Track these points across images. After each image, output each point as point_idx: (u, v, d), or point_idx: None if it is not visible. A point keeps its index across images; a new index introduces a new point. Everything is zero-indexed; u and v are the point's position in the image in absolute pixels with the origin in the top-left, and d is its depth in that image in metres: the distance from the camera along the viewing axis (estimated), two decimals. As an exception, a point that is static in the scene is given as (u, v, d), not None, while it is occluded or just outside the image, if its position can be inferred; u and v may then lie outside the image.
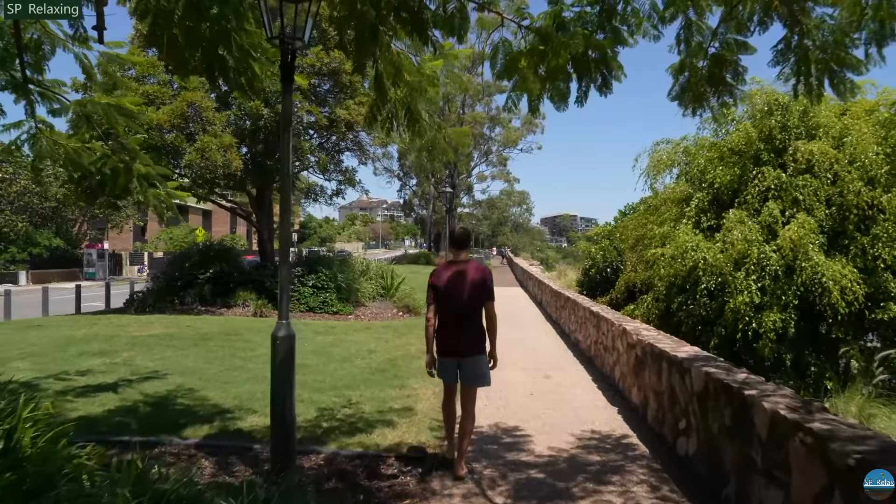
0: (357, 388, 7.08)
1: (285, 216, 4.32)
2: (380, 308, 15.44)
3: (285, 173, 4.35)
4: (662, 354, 5.40)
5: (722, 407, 3.96)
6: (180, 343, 9.02)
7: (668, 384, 5.18)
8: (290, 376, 4.28)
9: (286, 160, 4.32)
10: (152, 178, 5.62)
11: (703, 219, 11.24)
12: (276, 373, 4.24)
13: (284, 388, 4.25)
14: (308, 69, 13.51)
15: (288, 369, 4.26)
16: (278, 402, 4.25)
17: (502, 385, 7.57)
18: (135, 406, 5.76)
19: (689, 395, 4.61)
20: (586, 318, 9.94)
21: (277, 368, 4.23)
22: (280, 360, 4.22)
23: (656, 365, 5.61)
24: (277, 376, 4.24)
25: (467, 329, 4.43)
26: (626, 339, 6.85)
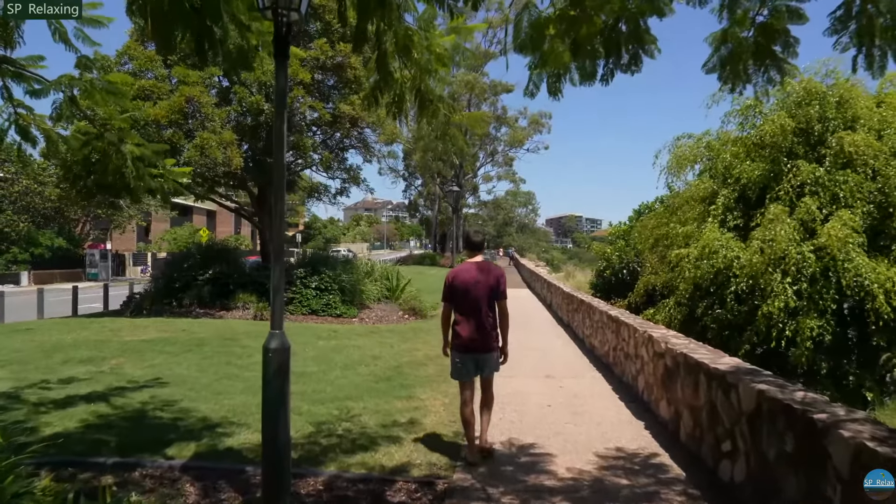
0: (360, 398, 6.56)
1: (279, 209, 3.81)
2: (385, 311, 14.92)
3: (279, 161, 3.84)
4: (699, 366, 4.86)
5: (781, 431, 3.42)
6: (174, 349, 8.52)
7: (708, 400, 4.64)
8: (283, 393, 3.76)
9: (280, 146, 3.81)
10: (148, 158, 5.10)
11: (729, 217, 10.63)
12: (267, 389, 3.73)
13: (277, 407, 3.74)
14: (311, 63, 13.03)
15: (281, 385, 3.75)
16: (270, 423, 3.74)
17: (516, 395, 7.06)
18: (116, 420, 5.26)
19: (737, 414, 4.07)
20: (603, 323, 9.39)
21: (269, 384, 3.72)
22: (272, 374, 3.71)
23: (692, 377, 5.07)
24: (269, 393, 3.73)
25: (483, 327, 4.76)
26: (653, 347, 6.31)
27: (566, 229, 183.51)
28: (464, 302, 4.75)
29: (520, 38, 3.47)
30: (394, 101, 4.58)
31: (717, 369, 4.50)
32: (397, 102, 4.62)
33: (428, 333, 11.98)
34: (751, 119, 11.55)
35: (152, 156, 5.02)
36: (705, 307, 9.97)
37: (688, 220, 11.11)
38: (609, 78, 3.66)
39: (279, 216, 3.85)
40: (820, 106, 10.07)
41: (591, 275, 33.87)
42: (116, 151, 4.89)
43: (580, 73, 3.53)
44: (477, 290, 4.73)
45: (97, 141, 4.87)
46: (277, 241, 3.85)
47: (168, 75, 12.48)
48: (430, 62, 4.44)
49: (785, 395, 3.56)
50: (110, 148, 4.84)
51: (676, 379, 5.51)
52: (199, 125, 11.63)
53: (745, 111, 11.51)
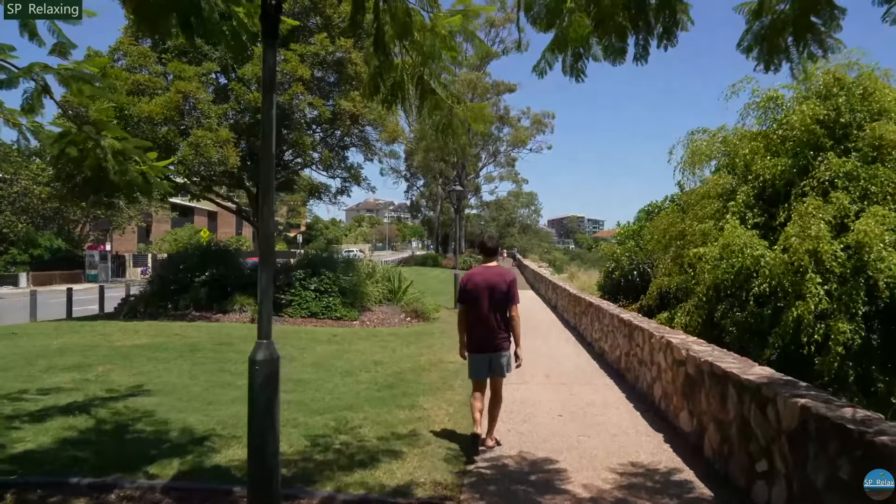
0: (360, 408, 6.18)
1: (266, 205, 3.43)
2: (386, 313, 14.54)
3: (266, 152, 3.46)
4: (728, 376, 4.47)
5: (833, 455, 3.03)
6: (165, 354, 8.14)
7: (739, 414, 4.25)
8: (271, 409, 3.38)
9: (269, 135, 3.43)
10: (129, 152, 4.71)
11: (748, 215, 10.15)
12: (254, 405, 3.35)
13: (265, 425, 3.36)
14: (311, 58, 12.66)
15: (269, 401, 3.36)
16: (257, 442, 3.36)
17: (525, 404, 6.68)
18: (95, 435, 4.88)
19: (774, 431, 3.68)
20: (614, 327, 9.00)
21: (256, 400, 3.34)
22: (259, 389, 3.32)
23: (718, 388, 4.68)
24: (256, 409, 3.34)
25: (495, 328, 5.05)
26: (672, 353, 5.91)
27: (568, 230, 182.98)
28: (477, 304, 5.05)
29: (534, 10, 3.07)
30: (393, 89, 4.20)
31: (750, 381, 4.11)
32: (397, 91, 4.24)
33: (431, 337, 11.60)
34: (771, 112, 11.09)
35: (134, 150, 4.63)
36: (724, 310, 9.49)
37: (705, 218, 10.64)
38: (644, 56, 3.26)
39: (267, 213, 3.48)
40: (847, 97, 9.61)
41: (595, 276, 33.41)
42: (95, 145, 4.50)
43: (607, 49, 3.13)
44: (489, 294, 5.03)
45: (75, 134, 4.48)
46: (265, 241, 3.47)
47: (164, 72, 12.11)
48: (434, 46, 4.05)
49: (833, 411, 3.17)
50: (88, 141, 4.45)
51: (700, 389, 5.12)
52: (194, 122, 11.27)
53: (765, 103, 11.03)
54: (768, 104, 11.01)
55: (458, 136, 4.58)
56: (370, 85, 4.15)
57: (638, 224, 17.54)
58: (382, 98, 4.33)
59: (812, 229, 8.39)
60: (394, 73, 4.12)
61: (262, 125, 3.47)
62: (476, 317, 5.08)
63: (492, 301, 5.03)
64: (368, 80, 4.11)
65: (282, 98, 11.76)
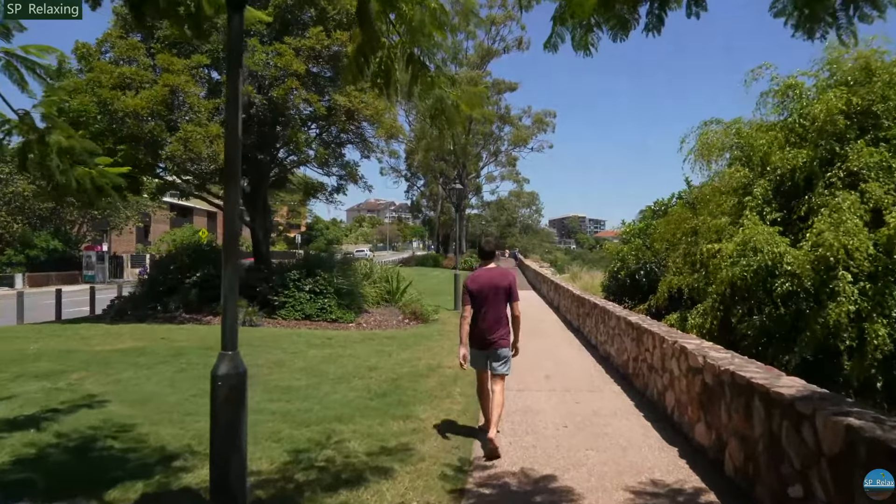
0: (351, 419, 5.75)
1: (231, 191, 3.01)
2: (384, 315, 14.11)
3: (231, 130, 3.04)
4: (753, 388, 4.03)
5: (890, 485, 2.58)
6: (147, 360, 7.70)
7: (767, 431, 3.81)
8: (236, 429, 2.96)
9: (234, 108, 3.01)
10: (77, 153, 4.27)
11: (766, 210, 9.63)
12: (216, 424, 2.94)
13: (228, 448, 2.95)
14: (306, 52, 12.22)
15: (233, 419, 2.95)
16: (218, 466, 2.97)
17: (528, 413, 6.24)
18: (55, 452, 4.44)
19: (813, 454, 3.23)
20: (621, 330, 8.56)
21: (217, 418, 2.94)
22: (220, 406, 2.91)
23: (741, 400, 4.23)
24: (218, 429, 2.94)
25: (496, 326, 5.28)
26: (687, 360, 5.47)
27: (569, 230, 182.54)
28: (479, 304, 5.29)
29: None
30: (381, 69, 3.75)
31: (780, 394, 3.67)
32: (384, 72, 3.79)
33: (430, 340, 11.16)
34: (790, 102, 10.52)
35: (83, 153, 4.17)
36: (742, 313, 8.96)
37: (720, 213, 10.08)
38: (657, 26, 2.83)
39: (233, 198, 3.06)
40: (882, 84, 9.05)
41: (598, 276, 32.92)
42: (39, 140, 4.05)
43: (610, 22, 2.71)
44: (491, 294, 5.29)
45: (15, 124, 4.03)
46: (229, 232, 3.04)
47: (153, 65, 11.67)
48: (424, 23, 3.62)
49: (887, 433, 2.73)
50: (31, 133, 4.00)
51: (719, 400, 4.67)
52: (183, 117, 10.84)
53: (783, 91, 10.49)
54: (787, 92, 10.45)
55: (453, 122, 4.14)
56: (354, 65, 3.70)
57: (644, 222, 16.99)
58: (370, 81, 3.89)
59: (848, 223, 7.84)
60: (381, 52, 3.69)
61: (228, 100, 3.04)
62: (478, 314, 5.32)
63: (494, 300, 5.30)
64: (352, 59, 3.67)
65: (275, 93, 11.32)
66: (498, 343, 5.28)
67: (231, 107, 3.03)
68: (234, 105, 3.01)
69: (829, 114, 9.02)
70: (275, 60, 11.35)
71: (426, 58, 3.66)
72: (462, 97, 4.08)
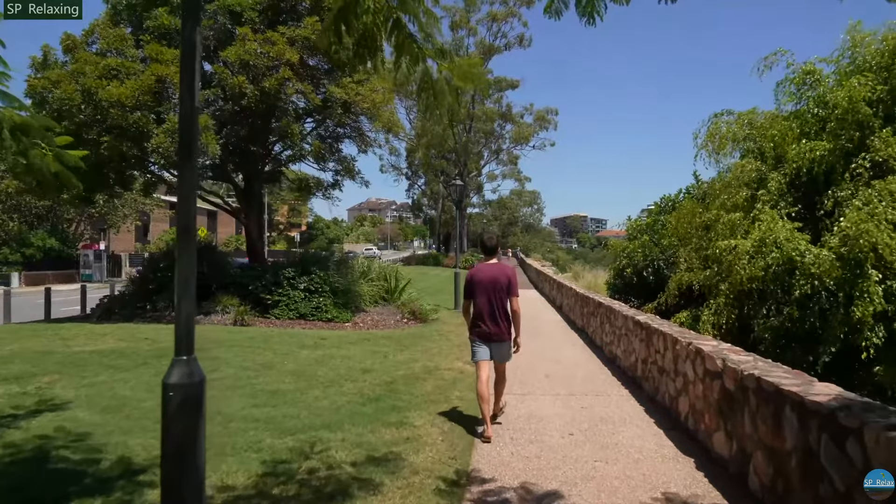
0: (340, 426, 5.33)
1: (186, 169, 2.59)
2: (382, 314, 13.68)
3: (187, 89, 2.62)
4: (784, 396, 3.60)
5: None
6: (126, 362, 7.27)
7: (801, 445, 3.38)
8: (191, 448, 2.53)
9: (190, 63, 2.58)
10: (33, 131, 3.85)
11: (781, 205, 9.12)
12: (166, 440, 2.51)
13: (182, 468, 2.52)
14: (301, 42, 11.79)
15: (186, 434, 2.53)
16: (171, 487, 2.51)
17: (531, 420, 5.82)
18: (9, 465, 4.02)
19: (861, 473, 2.80)
20: (628, 330, 8.13)
21: (169, 433, 2.51)
22: (172, 420, 2.48)
23: (769, 409, 3.81)
24: (169, 445, 2.51)
25: (496, 319, 5.47)
26: (704, 363, 5.04)
27: (571, 229, 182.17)
28: (480, 297, 5.51)
29: None
30: (363, 37, 3.32)
31: (816, 403, 3.24)
32: (367, 40, 3.36)
33: (428, 340, 10.74)
34: (807, 90, 10.00)
35: (39, 130, 3.75)
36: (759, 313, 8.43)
37: (733, 208, 9.55)
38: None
39: (187, 182, 2.63)
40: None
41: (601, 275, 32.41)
42: None
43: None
44: (491, 287, 5.49)
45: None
46: (183, 221, 2.62)
47: (142, 57, 11.24)
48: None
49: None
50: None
51: (742, 408, 4.25)
52: (171, 108, 10.42)
53: (800, 79, 9.95)
54: (804, 79, 9.92)
55: (442, 97, 3.71)
56: (329, 30, 3.26)
57: (652, 217, 16.46)
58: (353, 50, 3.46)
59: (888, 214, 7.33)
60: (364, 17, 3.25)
61: (183, 54, 2.62)
62: (479, 309, 5.53)
63: (493, 294, 5.48)
64: (329, 24, 3.23)
65: (268, 84, 10.88)
66: (499, 336, 5.50)
67: (186, 61, 2.61)
68: (189, 59, 2.59)
69: (853, 101, 8.51)
70: (266, 49, 10.92)
71: (413, 22, 3.22)
72: (455, 70, 3.65)
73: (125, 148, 9.97)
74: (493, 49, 49.40)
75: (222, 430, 5.04)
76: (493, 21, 48.42)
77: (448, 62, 3.63)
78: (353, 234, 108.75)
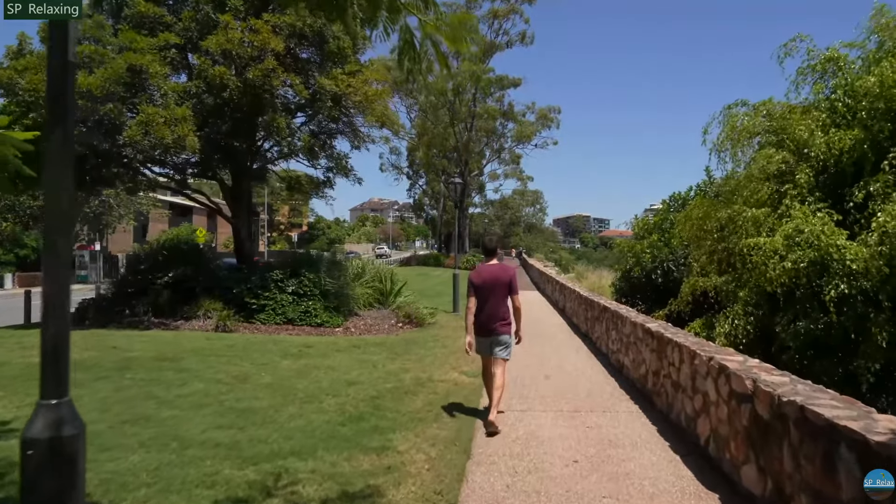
0: (313, 452, 4.67)
1: (56, 132, 1.94)
2: (376, 319, 13.02)
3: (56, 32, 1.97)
4: (838, 432, 2.93)
5: None
6: (84, 376, 6.59)
7: (864, 497, 2.70)
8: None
9: None
10: None
11: (809, 199, 8.37)
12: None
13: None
14: (287, 30, 11.14)
15: (51, 499, 1.85)
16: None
17: (530, 443, 5.16)
18: None
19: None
20: (637, 338, 7.46)
21: (30, 496, 1.83)
22: (31, 486, 1.82)
23: (817, 446, 3.14)
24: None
25: (497, 315, 5.75)
26: (730, 383, 4.37)
27: (574, 229, 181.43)
28: (482, 296, 5.78)
29: None
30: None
31: (885, 445, 2.57)
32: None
33: (422, 347, 10.08)
34: (831, 77, 9.26)
35: None
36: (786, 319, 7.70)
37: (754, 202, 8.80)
38: None
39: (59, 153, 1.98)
40: None
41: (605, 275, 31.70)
42: None
43: None
44: (493, 287, 5.77)
45: None
46: (51, 207, 1.97)
47: (119, 45, 10.57)
48: None
49: None
50: None
51: (779, 440, 3.58)
52: (147, 99, 9.76)
53: (822, 66, 9.22)
54: (826, 67, 9.19)
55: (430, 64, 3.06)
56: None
57: (660, 216, 15.66)
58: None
59: None
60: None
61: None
62: (481, 306, 5.80)
63: (496, 293, 5.78)
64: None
65: (251, 74, 10.23)
66: (499, 330, 5.76)
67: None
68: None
69: (884, 87, 7.79)
70: (249, 38, 10.27)
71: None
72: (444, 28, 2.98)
73: (96, 141, 9.32)
74: (494, 46, 48.69)
75: (175, 460, 4.39)
76: (494, 18, 47.71)
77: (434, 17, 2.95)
78: (355, 234, 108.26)
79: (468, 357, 9.31)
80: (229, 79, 10.32)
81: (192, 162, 12.06)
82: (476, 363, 8.78)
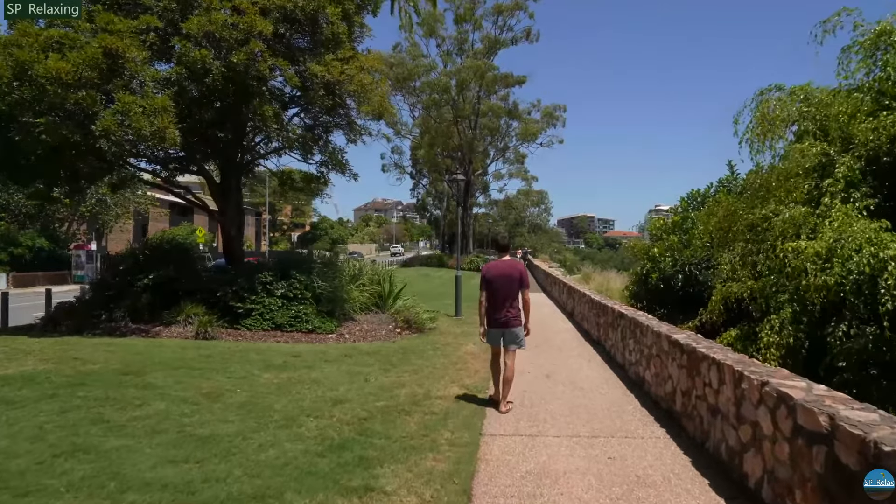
0: (280, 495, 3.84)
1: None
2: (372, 324, 12.18)
3: None
4: None
5: None
6: (28, 393, 5.77)
7: None
8: None
9: None
10: None
11: (853, 196, 7.51)
12: None
13: None
14: (277, 12, 10.32)
15: None
16: None
17: (541, 481, 4.31)
18: None
19: None
20: (661, 351, 6.60)
21: None
22: None
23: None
24: None
25: (509, 309, 6.22)
26: (793, 417, 3.51)
27: (578, 230, 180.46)
28: (494, 290, 6.22)
29: None
30: None
31: None
32: None
33: (420, 356, 9.24)
34: (882, 55, 8.27)
35: None
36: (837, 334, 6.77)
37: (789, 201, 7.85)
38: None
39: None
40: None
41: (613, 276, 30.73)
42: None
43: None
44: (504, 281, 6.19)
45: None
46: None
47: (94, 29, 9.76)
48: None
49: None
50: None
51: (870, 501, 2.71)
52: (123, 87, 8.95)
53: (873, 41, 8.21)
54: (879, 42, 8.21)
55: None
56: None
57: (680, 215, 14.63)
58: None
59: None
60: None
61: None
62: (493, 300, 6.21)
63: (507, 287, 6.17)
64: None
65: (235, 58, 9.41)
66: (511, 322, 6.18)
67: None
68: None
69: None
70: (235, 19, 9.45)
71: None
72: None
73: (66, 131, 8.50)
74: (498, 42, 47.80)
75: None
76: (498, 14, 46.85)
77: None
78: (359, 234, 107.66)
79: (470, 368, 8.55)
80: (212, 63, 9.49)
81: (174, 156, 11.24)
82: (478, 376, 7.97)
